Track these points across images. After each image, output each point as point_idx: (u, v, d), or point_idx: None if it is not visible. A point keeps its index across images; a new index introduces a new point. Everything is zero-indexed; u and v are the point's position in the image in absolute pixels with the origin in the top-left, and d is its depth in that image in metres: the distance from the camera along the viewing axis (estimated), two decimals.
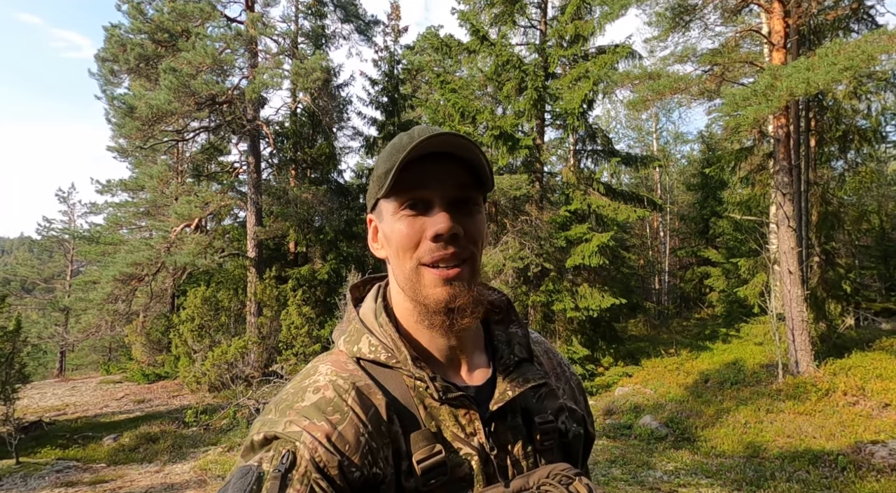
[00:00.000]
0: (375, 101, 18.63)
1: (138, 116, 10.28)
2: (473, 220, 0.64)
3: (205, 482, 5.81)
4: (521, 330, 0.73)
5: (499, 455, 0.65)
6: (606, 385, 10.21)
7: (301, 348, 10.65)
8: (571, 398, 0.77)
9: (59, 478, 6.36)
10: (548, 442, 0.68)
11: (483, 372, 0.69)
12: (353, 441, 0.58)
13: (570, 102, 11.11)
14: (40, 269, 23.64)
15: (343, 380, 0.63)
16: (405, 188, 0.62)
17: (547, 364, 0.78)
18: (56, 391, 13.28)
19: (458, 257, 0.62)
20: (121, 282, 12.26)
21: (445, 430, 0.63)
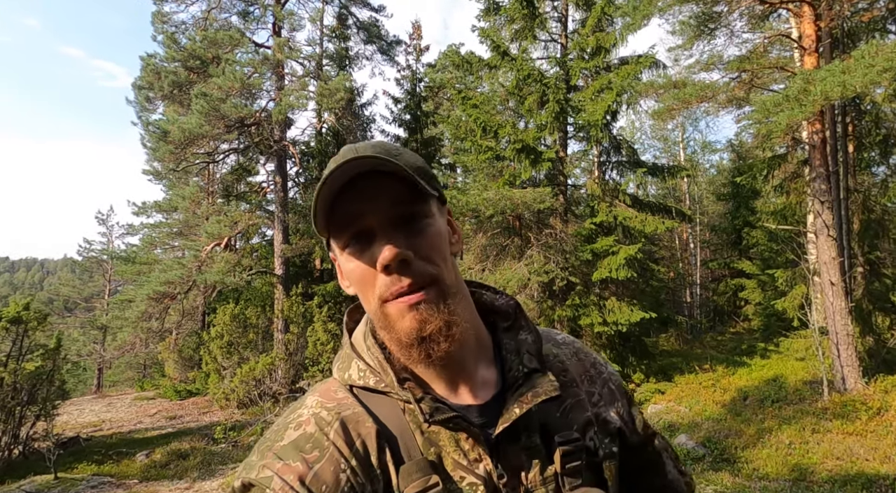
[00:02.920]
0: (398, 118, 18.93)
1: (171, 139, 10.69)
2: (425, 235, 0.57)
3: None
4: (532, 335, 0.66)
5: (510, 483, 0.58)
6: (638, 403, 9.85)
7: (327, 364, 10.70)
8: (609, 403, 0.69)
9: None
10: (573, 464, 0.59)
11: (489, 388, 0.62)
12: (330, 481, 0.54)
13: (593, 113, 11.01)
14: (81, 288, 24.62)
15: (328, 412, 0.59)
16: (341, 224, 0.57)
17: (576, 368, 0.70)
18: (93, 408, 13.67)
19: (417, 284, 0.55)
20: (154, 300, 12.61)
21: (446, 457, 0.57)
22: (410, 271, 0.55)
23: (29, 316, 8.07)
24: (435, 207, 0.60)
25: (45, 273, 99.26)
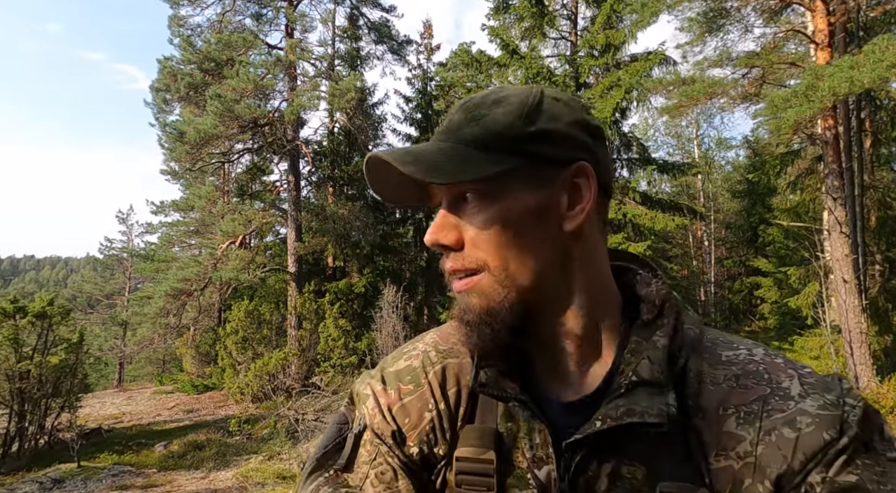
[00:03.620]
0: (409, 117, 19.09)
1: (188, 140, 11.00)
2: (476, 220, 0.49)
3: (245, 489, 6.02)
4: (664, 340, 0.49)
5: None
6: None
7: (338, 359, 10.91)
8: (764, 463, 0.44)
9: (114, 482, 6.75)
10: None
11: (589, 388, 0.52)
12: (415, 417, 0.55)
13: (603, 110, 11.01)
14: (103, 286, 25.31)
15: (437, 353, 0.59)
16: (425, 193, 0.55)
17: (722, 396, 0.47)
18: (114, 401, 14.11)
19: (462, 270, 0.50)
20: (172, 297, 12.97)
21: (520, 440, 0.52)
22: (455, 257, 0.51)
23: (53, 311, 8.40)
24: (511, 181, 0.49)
25: (68, 271, 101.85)
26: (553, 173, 0.49)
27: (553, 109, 0.49)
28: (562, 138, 0.49)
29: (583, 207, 0.50)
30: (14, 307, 7.97)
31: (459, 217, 0.51)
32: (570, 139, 0.49)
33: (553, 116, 0.49)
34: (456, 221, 0.51)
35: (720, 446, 0.45)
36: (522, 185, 0.49)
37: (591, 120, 0.51)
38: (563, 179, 0.49)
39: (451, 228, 0.51)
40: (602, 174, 0.50)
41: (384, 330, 11.82)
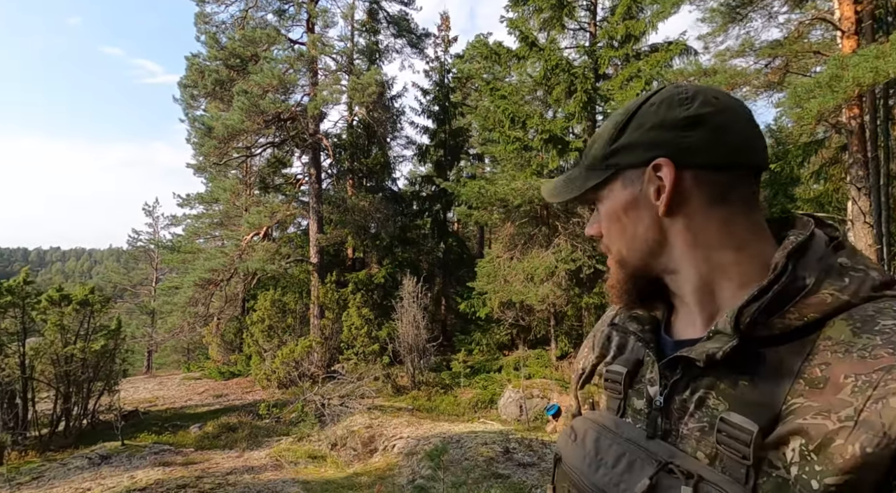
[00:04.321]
0: (427, 110, 19.22)
1: (215, 135, 11.34)
2: (601, 217, 0.67)
3: (281, 466, 6.36)
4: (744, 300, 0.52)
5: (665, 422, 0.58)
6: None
7: (361, 347, 11.24)
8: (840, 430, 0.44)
9: (156, 459, 7.17)
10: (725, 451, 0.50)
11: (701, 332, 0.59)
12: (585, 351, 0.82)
13: (622, 102, 11.03)
14: (130, 276, 26.12)
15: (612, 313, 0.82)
16: None
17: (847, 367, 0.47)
18: (146, 386, 14.71)
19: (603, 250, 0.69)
20: (200, 287, 13.43)
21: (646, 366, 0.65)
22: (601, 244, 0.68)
23: (94, 299, 8.85)
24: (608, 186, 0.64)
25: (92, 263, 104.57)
26: (637, 174, 0.61)
27: (641, 119, 0.60)
28: (636, 146, 0.60)
29: (664, 195, 0.58)
30: (59, 295, 8.42)
31: (596, 215, 0.68)
32: (644, 144, 0.59)
33: (638, 125, 0.60)
34: (595, 218, 0.68)
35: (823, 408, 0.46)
36: (617, 188, 0.63)
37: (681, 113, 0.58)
38: (649, 177, 0.59)
39: (595, 223, 0.68)
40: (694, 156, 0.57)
41: (405, 319, 12.12)
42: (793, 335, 0.50)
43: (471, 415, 9.49)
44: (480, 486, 4.50)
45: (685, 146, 0.58)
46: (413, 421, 8.20)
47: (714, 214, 0.58)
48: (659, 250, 0.61)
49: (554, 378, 10.39)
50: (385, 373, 10.99)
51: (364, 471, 5.98)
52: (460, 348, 13.76)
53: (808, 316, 0.50)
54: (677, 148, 0.58)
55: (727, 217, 0.58)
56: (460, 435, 6.61)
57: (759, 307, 0.51)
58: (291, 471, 6.20)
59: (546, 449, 5.83)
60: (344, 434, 7.78)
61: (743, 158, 0.58)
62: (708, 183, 0.58)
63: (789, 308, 0.50)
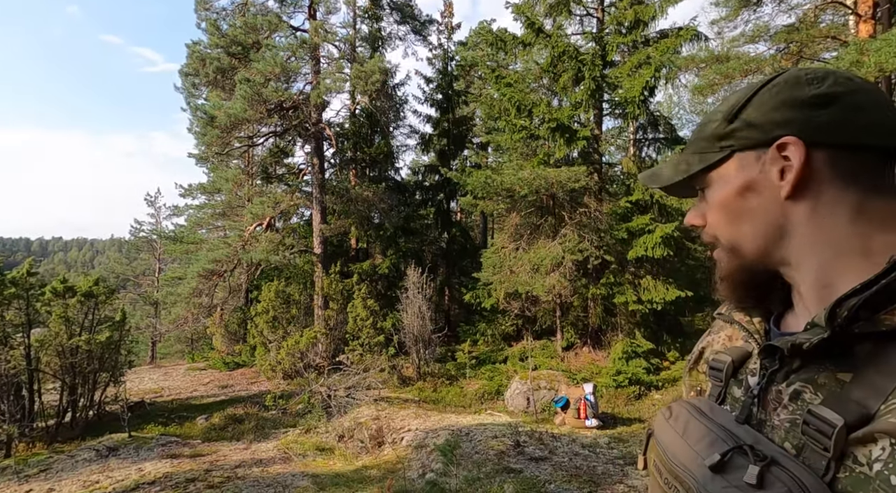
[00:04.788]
0: (430, 98, 18.99)
1: (218, 124, 11.18)
2: (707, 205, 0.63)
3: (289, 459, 6.33)
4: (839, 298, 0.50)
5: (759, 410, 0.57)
6: (673, 380, 9.95)
7: (367, 339, 11.19)
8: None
9: (164, 451, 7.15)
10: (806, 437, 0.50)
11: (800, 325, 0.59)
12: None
13: (630, 90, 10.84)
14: (133, 267, 26.10)
15: None
16: None
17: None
18: (151, 377, 14.73)
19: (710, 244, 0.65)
20: (203, 277, 13.38)
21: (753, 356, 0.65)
22: (703, 233, 0.65)
23: (99, 290, 8.78)
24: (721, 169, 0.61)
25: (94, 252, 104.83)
26: (756, 155, 0.57)
27: (762, 98, 0.57)
28: (757, 125, 0.57)
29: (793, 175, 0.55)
30: (64, 287, 8.36)
31: (701, 203, 0.65)
32: (767, 123, 0.56)
33: (760, 104, 0.57)
34: (699, 206, 0.65)
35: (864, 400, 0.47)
36: (732, 171, 0.60)
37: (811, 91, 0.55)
38: (772, 157, 0.56)
39: (698, 212, 0.65)
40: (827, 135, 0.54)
41: (410, 310, 12.06)
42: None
43: (477, 407, 9.47)
44: (493, 481, 4.45)
45: (815, 124, 0.54)
46: (420, 413, 8.17)
47: (844, 198, 0.54)
48: (779, 238, 0.58)
49: (560, 369, 10.35)
50: (391, 364, 10.96)
51: (373, 464, 5.95)
52: (465, 338, 13.73)
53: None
54: (807, 126, 0.55)
55: (858, 203, 0.54)
56: (469, 428, 6.57)
57: (859, 301, 0.48)
58: (300, 464, 6.17)
59: (556, 442, 5.79)
60: (351, 426, 7.75)
61: (880, 139, 0.54)
62: (839, 165, 0.54)
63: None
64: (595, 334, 11.99)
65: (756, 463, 0.50)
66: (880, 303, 0.48)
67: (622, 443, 6.11)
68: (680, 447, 0.60)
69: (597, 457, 5.25)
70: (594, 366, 10.79)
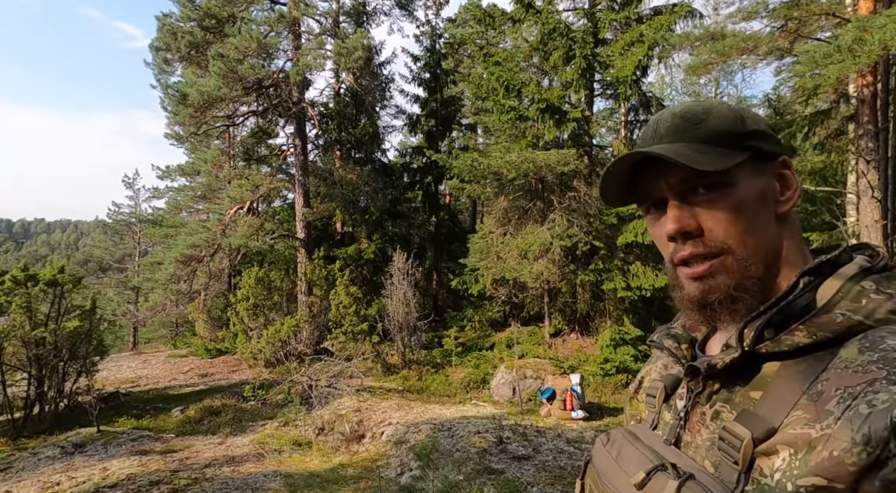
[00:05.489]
0: (418, 77, 18.37)
1: (191, 103, 10.60)
2: (716, 207, 0.56)
3: (263, 456, 6.07)
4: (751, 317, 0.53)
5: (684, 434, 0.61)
6: None
7: (350, 326, 10.91)
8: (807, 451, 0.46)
9: (134, 446, 6.86)
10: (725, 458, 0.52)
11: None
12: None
13: (623, 69, 10.44)
14: (113, 250, 25.45)
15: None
16: (638, 198, 0.63)
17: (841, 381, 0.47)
18: (130, 364, 14.36)
19: (702, 255, 0.57)
20: (182, 263, 12.92)
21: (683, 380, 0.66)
22: (696, 243, 0.57)
23: (64, 279, 8.35)
24: (741, 172, 0.57)
25: (79, 234, 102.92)
26: (766, 165, 0.59)
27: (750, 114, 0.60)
28: (766, 136, 0.59)
29: (792, 193, 0.59)
30: (25, 275, 7.91)
31: (693, 207, 0.58)
32: (771, 137, 0.60)
33: (754, 119, 0.59)
34: (690, 212, 0.58)
35: (812, 418, 0.47)
36: (749, 175, 0.57)
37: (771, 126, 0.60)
38: (773, 171, 0.59)
39: (690, 217, 0.58)
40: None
41: (395, 296, 11.77)
42: (806, 353, 0.51)
43: (462, 396, 9.27)
44: (473, 484, 4.22)
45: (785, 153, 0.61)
46: (403, 404, 7.95)
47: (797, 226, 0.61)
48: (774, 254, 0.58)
49: (548, 357, 10.17)
50: (375, 352, 10.70)
51: (350, 462, 5.71)
52: (453, 324, 13.51)
53: (817, 335, 0.50)
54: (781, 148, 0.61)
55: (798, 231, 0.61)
56: (451, 422, 6.34)
57: (763, 322, 0.52)
58: (274, 461, 5.92)
59: (541, 438, 5.58)
60: (331, 419, 7.51)
61: None
62: None
63: (798, 326, 0.51)
64: (583, 320, 11.82)
65: (675, 479, 0.52)
66: (782, 323, 0.52)
67: None
68: (613, 470, 0.62)
69: (582, 455, 5.04)
70: (582, 353, 10.63)
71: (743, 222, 0.56)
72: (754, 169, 0.57)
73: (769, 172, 0.58)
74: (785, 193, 0.58)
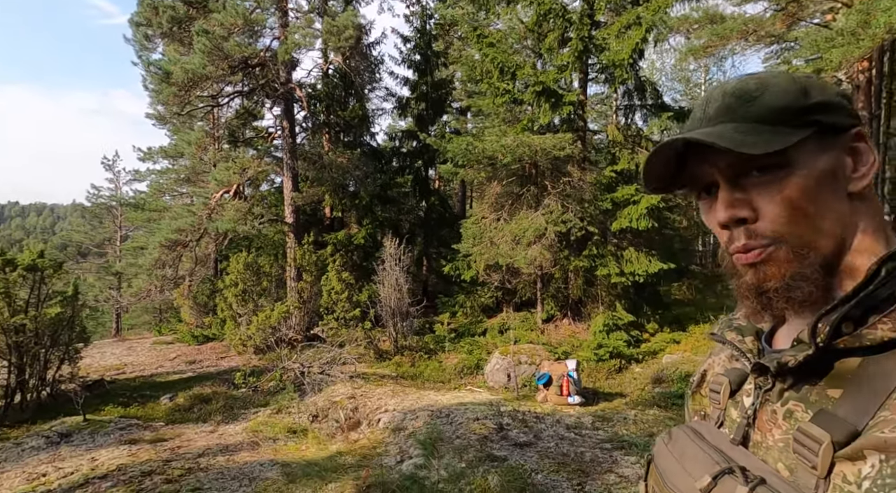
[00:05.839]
0: (408, 59, 17.98)
1: (175, 81, 10.17)
2: (770, 191, 0.52)
3: (257, 444, 5.96)
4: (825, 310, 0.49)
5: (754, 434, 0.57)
6: (653, 352, 9.91)
7: (342, 313, 10.76)
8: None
9: (122, 435, 6.67)
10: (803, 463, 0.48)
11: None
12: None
13: (619, 52, 10.29)
14: (92, 234, 24.76)
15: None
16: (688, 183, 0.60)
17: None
18: (115, 351, 14.04)
19: (756, 243, 0.53)
20: (167, 248, 12.58)
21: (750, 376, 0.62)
22: (749, 231, 0.54)
23: (44, 264, 8.03)
24: (801, 150, 0.51)
25: (55, 218, 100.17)
26: (835, 140, 0.53)
27: (818, 84, 0.53)
28: (836, 107, 0.52)
29: (867, 168, 0.53)
30: (2, 260, 7.58)
31: (746, 192, 0.54)
32: (842, 108, 0.53)
33: (821, 89, 0.53)
34: (743, 196, 0.54)
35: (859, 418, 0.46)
36: (812, 153, 0.52)
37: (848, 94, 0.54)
38: (844, 145, 0.53)
39: (742, 203, 0.54)
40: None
41: (386, 282, 11.63)
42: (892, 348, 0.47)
43: (457, 382, 9.24)
44: (476, 471, 4.16)
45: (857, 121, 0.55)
46: (398, 391, 7.87)
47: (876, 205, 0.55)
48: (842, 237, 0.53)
49: (541, 342, 10.18)
50: (367, 339, 10.59)
51: (348, 450, 5.62)
52: (444, 310, 13.44)
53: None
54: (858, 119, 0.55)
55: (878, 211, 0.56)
56: (449, 408, 6.28)
57: (839, 316, 0.48)
58: (269, 449, 5.80)
59: (541, 424, 5.56)
60: (325, 406, 7.40)
61: None
62: None
63: (881, 319, 0.47)
64: (575, 306, 11.84)
65: (745, 484, 0.49)
66: (861, 316, 0.47)
67: (606, 422, 5.93)
68: (676, 471, 0.60)
69: (583, 441, 5.03)
70: (575, 339, 10.66)
71: (801, 206, 0.51)
72: (820, 145, 0.52)
73: (839, 146, 0.52)
74: (859, 168, 0.53)
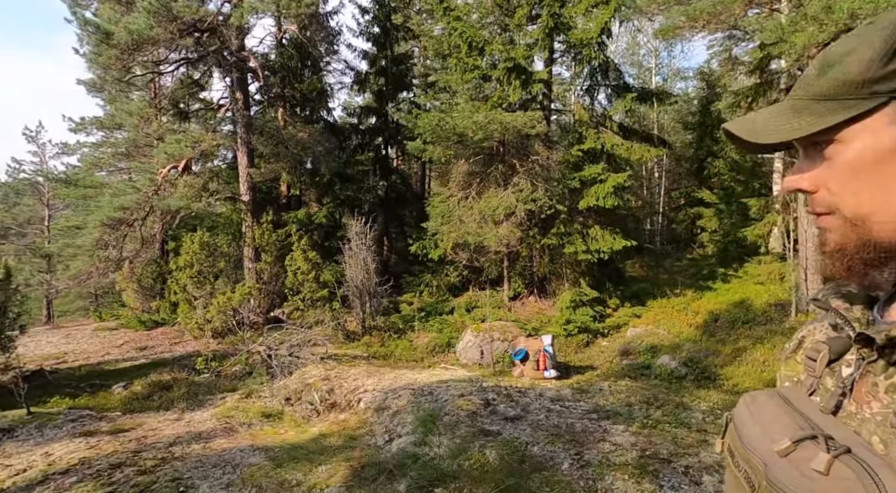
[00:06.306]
0: (366, 31, 17.31)
1: (116, 42, 9.20)
2: (830, 164, 0.52)
3: (233, 429, 5.68)
4: None
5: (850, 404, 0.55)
6: (617, 326, 10.30)
7: (309, 293, 10.41)
8: None
9: (75, 428, 6.16)
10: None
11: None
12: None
13: (587, 31, 10.34)
14: (15, 214, 22.52)
15: None
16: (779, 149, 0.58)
17: None
18: (50, 339, 12.95)
19: (817, 211, 0.55)
20: (109, 227, 11.62)
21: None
22: (811, 199, 0.55)
23: None
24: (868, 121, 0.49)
25: None
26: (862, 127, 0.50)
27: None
28: None
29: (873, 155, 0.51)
30: None
31: (813, 163, 0.54)
32: None
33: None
34: (810, 167, 0.55)
35: None
36: (881, 123, 0.50)
37: None
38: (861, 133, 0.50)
39: (805, 174, 0.55)
40: None
41: (353, 261, 11.35)
42: None
43: (430, 360, 9.22)
44: (472, 446, 4.16)
45: None
46: (372, 371, 7.74)
47: None
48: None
49: (510, 319, 10.32)
50: (335, 321, 10.33)
51: (330, 431, 5.47)
52: (409, 290, 13.33)
53: None
54: None
55: None
56: (430, 386, 6.24)
57: None
58: (246, 435, 5.54)
59: (525, 398, 5.63)
60: (298, 388, 7.16)
61: None
62: None
63: None
64: (541, 283, 12.08)
65: (829, 452, 0.49)
66: None
67: (585, 394, 6.10)
68: (756, 433, 0.59)
69: (569, 412, 5.14)
70: (543, 315, 10.89)
71: (858, 181, 0.51)
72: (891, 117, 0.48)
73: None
74: None
